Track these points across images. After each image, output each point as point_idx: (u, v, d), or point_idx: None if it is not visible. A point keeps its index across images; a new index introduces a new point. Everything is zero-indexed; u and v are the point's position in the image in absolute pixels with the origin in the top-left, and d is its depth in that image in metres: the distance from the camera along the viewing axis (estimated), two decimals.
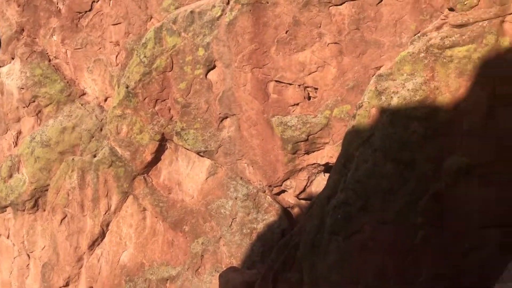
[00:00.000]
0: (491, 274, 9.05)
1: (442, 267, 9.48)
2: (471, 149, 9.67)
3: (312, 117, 14.34)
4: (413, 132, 10.23)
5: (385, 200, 10.06)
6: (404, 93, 10.65)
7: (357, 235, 10.26)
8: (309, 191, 15.25)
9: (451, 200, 9.68)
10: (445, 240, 9.57)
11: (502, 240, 9.34)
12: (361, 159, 10.72)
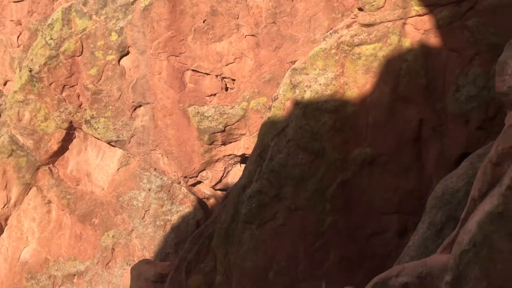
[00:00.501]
0: (391, 256, 9.83)
1: (348, 251, 10.10)
2: (375, 140, 10.40)
3: (229, 108, 14.45)
4: (323, 124, 10.75)
5: (297, 188, 10.47)
6: (317, 87, 11.14)
7: (271, 223, 10.56)
8: (225, 182, 15.37)
9: (356, 188, 10.33)
10: (351, 226, 10.20)
11: (399, 226, 10.18)
12: (276, 149, 11.03)
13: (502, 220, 6.67)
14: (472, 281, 6.57)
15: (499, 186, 7.21)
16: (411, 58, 10.43)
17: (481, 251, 6.66)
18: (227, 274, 10.73)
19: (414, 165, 10.28)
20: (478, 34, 10.04)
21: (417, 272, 6.85)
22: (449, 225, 8.12)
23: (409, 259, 8.00)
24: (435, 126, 10.25)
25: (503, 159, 7.33)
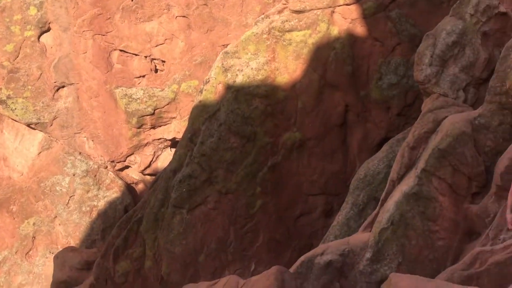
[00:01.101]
0: (317, 235, 10.27)
1: (277, 232, 10.40)
2: (304, 125, 10.71)
3: (159, 91, 14.09)
4: (255, 108, 10.86)
5: (228, 172, 10.54)
6: (248, 72, 11.20)
7: (201, 207, 10.55)
8: (155, 167, 15.06)
9: (286, 171, 10.61)
10: (280, 207, 10.48)
11: (325, 206, 10.63)
12: (207, 133, 10.98)
13: (416, 200, 7.22)
14: (390, 257, 7.07)
15: (415, 168, 7.78)
16: (338, 46, 10.80)
17: (398, 229, 7.17)
18: (156, 259, 10.61)
19: (340, 148, 10.76)
20: (399, 25, 10.62)
21: (340, 250, 7.24)
22: (370, 205, 8.63)
23: (334, 238, 8.41)
24: (359, 112, 10.76)
25: (419, 143, 7.90)
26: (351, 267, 7.15)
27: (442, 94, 8.27)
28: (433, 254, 6.95)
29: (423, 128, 7.86)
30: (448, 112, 7.85)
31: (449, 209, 7.06)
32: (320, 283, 7.02)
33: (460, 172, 7.12)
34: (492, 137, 7.21)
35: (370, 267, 7.04)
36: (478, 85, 8.26)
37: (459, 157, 7.11)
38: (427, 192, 7.15)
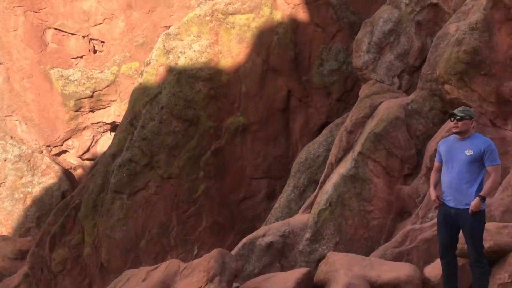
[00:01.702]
0: (260, 218, 10.43)
1: (220, 216, 10.44)
2: (247, 109, 10.75)
3: (98, 72, 13.54)
4: (198, 92, 10.74)
5: (171, 156, 10.39)
6: (191, 54, 11.02)
7: (142, 192, 10.36)
8: (94, 151, 14.55)
9: (229, 155, 10.63)
10: (223, 192, 10.52)
11: (268, 190, 10.80)
12: (148, 116, 10.74)
13: (353, 182, 7.52)
14: (328, 236, 7.34)
15: (352, 151, 8.09)
16: (281, 31, 10.88)
17: (335, 210, 7.45)
18: (96, 245, 10.32)
19: (282, 133, 10.92)
20: (340, 12, 10.86)
21: (281, 231, 7.41)
22: (310, 187, 8.87)
23: (275, 220, 8.59)
24: (301, 97, 10.96)
25: (356, 127, 8.20)
26: (291, 248, 7.36)
27: (379, 81, 8.60)
28: (368, 233, 7.29)
29: (360, 113, 8.16)
30: (384, 98, 8.20)
31: (383, 190, 7.42)
32: (261, 264, 7.16)
33: (393, 155, 7.48)
34: (423, 122, 7.63)
35: (309, 247, 7.28)
36: (412, 72, 8.68)
37: (393, 140, 7.47)
38: (363, 174, 7.47)
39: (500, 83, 7.00)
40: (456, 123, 4.35)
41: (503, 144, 6.94)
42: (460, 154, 4.32)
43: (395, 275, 5.40)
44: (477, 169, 4.30)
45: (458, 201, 4.26)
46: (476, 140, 4.36)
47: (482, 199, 4.21)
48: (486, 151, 4.27)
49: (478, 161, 4.28)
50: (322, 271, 5.88)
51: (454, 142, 4.46)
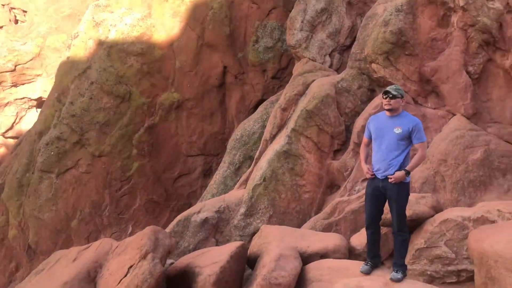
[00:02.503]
0: (196, 195, 10.43)
1: (155, 193, 10.31)
2: (182, 85, 10.58)
3: (20, 44, 12.61)
4: (130, 67, 10.38)
5: (102, 133, 10.03)
6: (122, 27, 10.58)
7: (72, 171, 9.96)
8: (18, 129, 13.67)
9: (164, 132, 10.46)
10: (158, 169, 10.37)
11: (204, 167, 10.80)
12: (77, 92, 10.24)
13: (286, 158, 7.73)
14: (262, 210, 7.52)
15: (286, 128, 8.28)
16: (216, 5, 10.72)
17: (269, 185, 7.64)
18: (22, 227, 9.82)
19: (218, 110, 10.89)
20: None
21: (216, 207, 7.49)
22: (246, 164, 8.99)
23: (211, 197, 8.65)
24: (237, 73, 10.95)
25: (290, 105, 8.38)
26: (226, 223, 7.47)
27: (311, 59, 8.79)
28: (300, 206, 7.57)
29: (293, 91, 8.33)
30: (316, 76, 8.42)
31: (315, 165, 7.70)
32: (196, 239, 7.22)
33: (324, 131, 7.76)
34: (352, 99, 7.96)
35: (244, 221, 7.43)
36: (342, 51, 8.95)
37: (324, 117, 7.73)
38: (296, 150, 7.70)
39: (422, 63, 7.44)
40: (388, 100, 4.60)
41: (424, 120, 7.42)
42: (389, 131, 4.58)
43: (324, 245, 5.69)
44: (404, 146, 4.60)
45: (387, 174, 4.55)
46: (404, 118, 4.64)
47: (407, 173, 4.52)
48: (414, 130, 4.57)
49: (406, 138, 4.58)
50: (255, 244, 6.06)
51: (384, 119, 4.71)
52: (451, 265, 5.26)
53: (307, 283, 5.03)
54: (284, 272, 4.84)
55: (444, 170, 6.75)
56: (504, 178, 6.71)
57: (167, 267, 5.86)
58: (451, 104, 7.28)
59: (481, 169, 6.67)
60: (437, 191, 6.73)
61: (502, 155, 6.77)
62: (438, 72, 7.34)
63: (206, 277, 5.03)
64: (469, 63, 7.35)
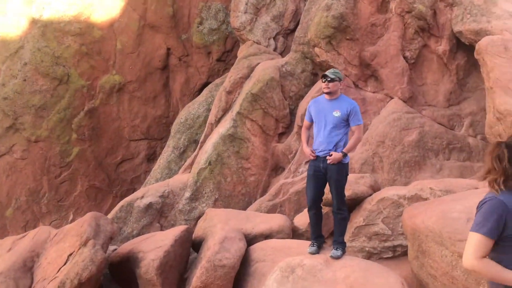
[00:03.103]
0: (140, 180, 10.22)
1: (97, 179, 9.99)
2: (124, 67, 10.23)
3: None
4: (67, 48, 9.88)
5: (38, 117, 9.53)
6: (58, 5, 10.01)
7: (6, 157, 9.41)
8: None
9: (105, 116, 10.11)
10: (100, 154, 10.03)
11: (148, 151, 10.58)
12: (9, 73, 9.62)
13: (232, 141, 7.75)
14: (207, 194, 7.52)
15: (231, 111, 8.27)
16: None
17: (215, 168, 7.63)
18: None
19: (162, 93, 10.66)
20: None
21: (160, 192, 7.38)
22: (190, 148, 8.91)
23: (155, 181, 8.51)
24: (181, 56, 10.74)
25: (235, 87, 8.37)
26: (171, 207, 7.40)
27: (256, 42, 8.79)
28: (245, 189, 7.65)
29: (238, 74, 8.31)
30: (261, 59, 8.44)
31: (260, 148, 7.78)
32: (140, 225, 7.10)
33: (269, 114, 7.84)
34: (296, 83, 8.07)
35: (189, 205, 7.39)
36: (286, 35, 9.02)
37: (268, 101, 7.79)
38: (241, 133, 7.72)
39: (362, 48, 7.66)
40: (327, 84, 4.72)
41: (364, 104, 7.69)
42: (329, 114, 4.72)
43: (268, 226, 5.80)
44: (343, 128, 4.75)
45: (327, 153, 4.68)
46: (343, 102, 4.79)
47: (344, 155, 4.68)
48: (351, 112, 4.73)
49: (344, 121, 4.74)
50: (200, 227, 6.07)
51: (323, 103, 4.83)
52: (387, 241, 5.54)
53: (252, 263, 5.12)
54: (228, 254, 4.89)
55: (382, 151, 7.06)
56: (437, 158, 7.12)
57: (109, 254, 5.73)
58: (389, 88, 7.58)
59: (416, 150, 7.04)
60: (375, 171, 7.03)
61: (435, 137, 7.17)
62: (377, 56, 7.60)
63: (149, 261, 4.98)
64: (406, 48, 7.67)
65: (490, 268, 2.30)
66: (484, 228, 2.30)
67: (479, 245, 2.31)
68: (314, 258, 4.65)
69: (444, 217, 4.13)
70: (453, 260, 3.94)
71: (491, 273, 2.30)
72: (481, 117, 7.38)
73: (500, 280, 2.30)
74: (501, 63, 6.38)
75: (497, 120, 6.31)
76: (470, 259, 2.32)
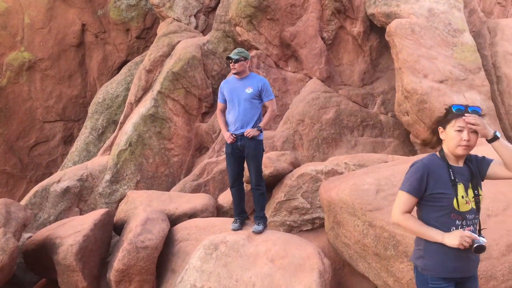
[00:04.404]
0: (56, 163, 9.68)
1: (8, 164, 9.31)
2: (33, 44, 9.52)
3: None
4: None
5: None
6: None
7: None
8: None
9: (14, 96, 9.39)
10: (10, 138, 9.34)
11: (64, 133, 10.03)
12: None
13: (153, 121, 7.58)
14: (128, 176, 7.33)
15: (152, 91, 8.06)
16: None
17: (136, 149, 7.44)
18: None
19: (78, 71, 10.10)
20: None
21: (78, 175, 7.07)
22: (110, 129, 8.58)
23: (72, 165, 8.12)
24: (98, 32, 10.20)
25: (155, 66, 8.15)
26: (91, 191, 7.13)
27: (176, 19, 8.59)
28: (169, 170, 7.56)
29: (158, 52, 8.09)
30: (181, 37, 8.27)
31: (183, 128, 7.70)
32: (57, 210, 6.78)
33: (191, 93, 7.75)
34: (218, 62, 8.04)
35: (109, 188, 7.17)
36: (208, 13, 8.91)
37: (190, 80, 7.70)
38: (163, 113, 7.58)
39: (282, 28, 7.80)
40: (233, 65, 4.81)
41: (285, 83, 7.88)
42: (242, 92, 4.81)
43: (192, 205, 5.82)
44: (257, 104, 4.87)
45: (243, 132, 4.77)
46: (253, 79, 4.91)
47: (260, 130, 4.82)
48: (263, 88, 4.87)
49: (257, 97, 4.86)
50: (122, 210, 5.93)
51: (234, 82, 4.92)
52: (306, 214, 5.81)
53: (175, 243, 5.13)
54: (151, 235, 4.85)
55: (302, 129, 7.32)
56: (352, 135, 7.53)
57: (23, 242, 5.43)
58: (308, 68, 7.82)
59: (333, 127, 7.39)
60: (296, 149, 7.29)
61: (350, 114, 7.57)
62: (297, 37, 7.79)
63: (68, 247, 4.80)
64: (323, 29, 7.93)
65: (410, 222, 2.59)
66: (406, 186, 2.60)
67: (402, 201, 2.61)
68: (237, 234, 4.76)
69: (356, 189, 4.42)
70: (364, 229, 4.24)
71: (411, 227, 2.59)
72: (391, 95, 7.90)
73: (419, 234, 2.61)
74: (409, 45, 6.84)
75: (405, 98, 6.80)
76: (395, 214, 2.64)
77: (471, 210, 2.54)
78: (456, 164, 2.60)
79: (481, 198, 2.59)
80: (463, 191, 2.54)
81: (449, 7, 7.29)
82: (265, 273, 4.29)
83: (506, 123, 7.05)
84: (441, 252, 2.55)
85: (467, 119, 2.49)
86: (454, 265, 2.54)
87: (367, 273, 4.39)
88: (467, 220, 2.54)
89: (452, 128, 2.55)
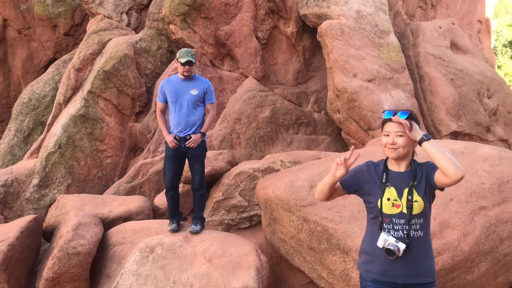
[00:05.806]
0: None
1: None
2: None
3: None
4: None
5: None
6: None
7: None
8: None
9: None
10: None
11: None
12: None
13: (83, 122, 7.26)
14: (58, 180, 6.98)
15: (82, 90, 7.72)
16: None
17: (66, 152, 7.10)
18: None
19: (0, 69, 9.46)
20: None
21: (2, 180, 6.62)
22: (37, 131, 8.12)
23: None
24: (21, 28, 9.62)
25: (85, 64, 7.82)
26: (16, 196, 6.71)
27: (107, 16, 8.29)
28: (102, 172, 7.29)
29: (88, 50, 7.77)
30: (113, 35, 8.00)
31: (116, 128, 7.45)
32: None
33: (124, 93, 7.52)
34: (152, 60, 7.87)
35: (37, 193, 6.79)
36: (140, 10, 8.69)
37: (123, 79, 7.46)
38: (94, 114, 7.29)
39: (217, 27, 7.78)
40: (189, 68, 4.69)
41: (221, 82, 7.88)
42: (187, 93, 4.72)
43: (127, 208, 5.65)
44: (200, 106, 4.80)
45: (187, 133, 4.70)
46: (198, 81, 4.83)
47: (203, 135, 4.76)
48: (207, 91, 4.81)
49: (201, 99, 4.79)
50: (52, 215, 5.64)
51: (178, 82, 4.80)
52: (244, 212, 5.86)
53: (110, 248, 4.96)
54: (83, 241, 4.65)
55: (239, 128, 7.36)
56: (287, 133, 7.70)
57: None
58: (244, 67, 7.88)
59: (269, 125, 7.50)
60: (233, 147, 7.32)
61: (286, 113, 7.72)
62: (232, 36, 7.81)
63: None
64: (258, 29, 8.02)
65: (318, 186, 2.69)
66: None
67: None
68: (174, 235, 4.70)
69: (291, 186, 4.52)
70: (299, 224, 4.36)
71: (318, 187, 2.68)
72: (324, 94, 8.16)
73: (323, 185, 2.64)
74: (339, 45, 7.11)
75: (336, 97, 7.05)
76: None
77: (400, 214, 2.56)
78: (396, 169, 2.64)
79: (417, 205, 2.56)
80: (393, 195, 2.57)
81: (376, 9, 7.66)
82: (202, 273, 4.28)
83: (428, 120, 7.54)
84: (368, 252, 2.65)
85: (394, 121, 2.56)
86: (380, 267, 2.59)
87: (302, 267, 4.51)
88: (394, 224, 2.56)
89: (382, 133, 2.64)
